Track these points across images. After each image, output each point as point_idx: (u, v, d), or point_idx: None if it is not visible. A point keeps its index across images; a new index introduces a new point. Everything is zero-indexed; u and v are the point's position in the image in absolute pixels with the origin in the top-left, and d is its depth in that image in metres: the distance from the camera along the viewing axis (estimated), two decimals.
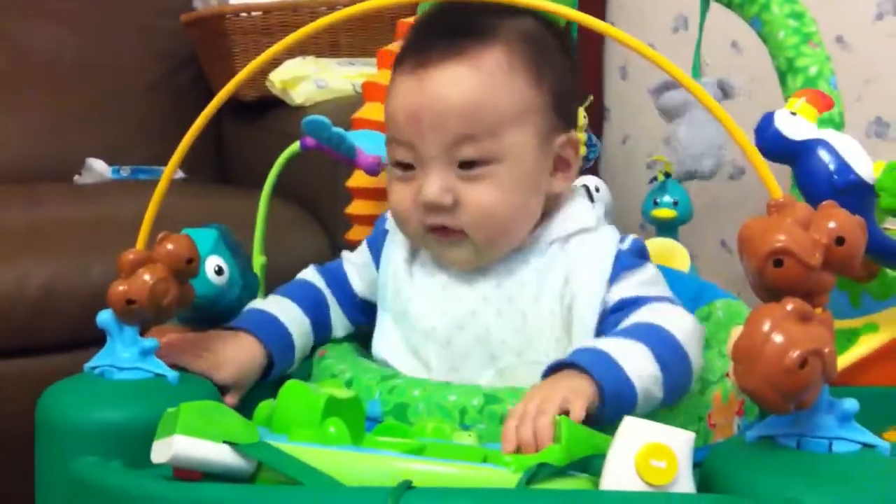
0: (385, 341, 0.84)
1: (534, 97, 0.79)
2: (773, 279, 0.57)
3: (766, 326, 0.55)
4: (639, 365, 0.69)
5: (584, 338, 0.76)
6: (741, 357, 0.56)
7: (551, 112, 0.80)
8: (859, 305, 0.86)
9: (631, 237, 0.82)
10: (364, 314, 0.91)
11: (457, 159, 0.78)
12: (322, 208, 1.47)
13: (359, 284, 0.91)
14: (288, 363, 0.85)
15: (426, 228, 0.80)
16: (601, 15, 1.85)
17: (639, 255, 0.81)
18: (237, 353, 0.80)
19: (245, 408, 0.68)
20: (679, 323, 0.74)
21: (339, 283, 0.92)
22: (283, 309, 0.86)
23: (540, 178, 0.81)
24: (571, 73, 0.84)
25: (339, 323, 0.91)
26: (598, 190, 1.28)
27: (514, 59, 0.78)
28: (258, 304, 0.87)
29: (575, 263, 0.79)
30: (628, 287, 0.78)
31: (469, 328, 0.80)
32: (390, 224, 0.89)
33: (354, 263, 0.92)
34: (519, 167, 0.79)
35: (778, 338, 0.54)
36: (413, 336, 0.82)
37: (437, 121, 0.77)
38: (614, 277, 0.78)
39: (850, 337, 0.84)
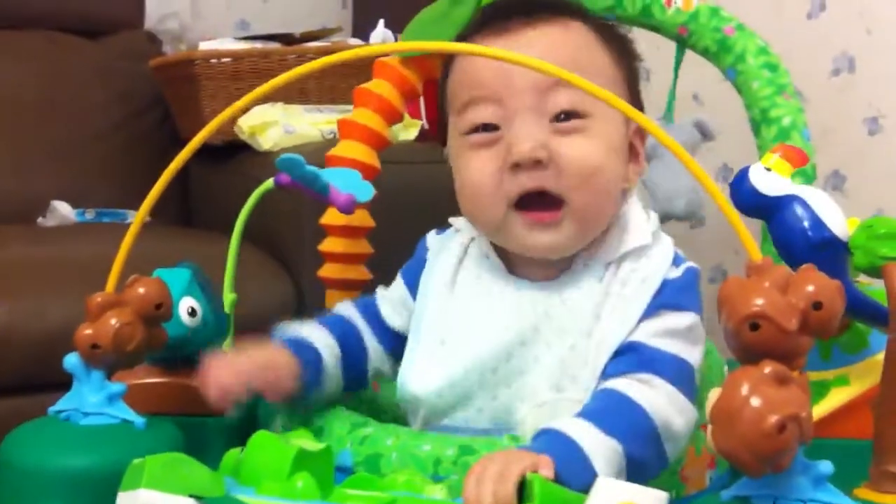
0: (417, 373, 0.79)
1: (616, 72, 0.78)
2: (750, 342, 0.57)
3: (745, 390, 0.55)
4: (606, 468, 0.64)
5: (593, 375, 0.73)
6: (719, 419, 0.56)
7: (629, 93, 0.78)
8: (829, 358, 0.86)
9: (686, 264, 0.78)
10: (401, 346, 0.84)
11: (549, 112, 0.74)
12: (285, 249, 1.45)
13: (394, 319, 0.86)
14: (316, 380, 0.80)
15: (512, 203, 0.75)
16: None
17: (686, 293, 0.76)
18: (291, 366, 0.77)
19: (212, 458, 0.67)
20: (673, 420, 0.69)
21: (373, 315, 0.87)
22: (310, 331, 0.83)
23: (626, 153, 0.78)
24: (637, 70, 0.83)
25: (375, 351, 0.86)
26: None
27: (595, 35, 0.78)
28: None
29: (622, 294, 0.75)
30: (650, 330, 0.73)
31: (517, 358, 0.76)
32: (433, 242, 0.86)
33: (389, 299, 0.87)
34: (611, 127, 0.75)
35: (756, 401, 0.54)
36: (453, 364, 0.77)
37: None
38: (649, 312, 0.74)
39: (821, 390, 0.84)
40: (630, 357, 0.72)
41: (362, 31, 1.92)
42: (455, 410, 0.77)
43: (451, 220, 0.87)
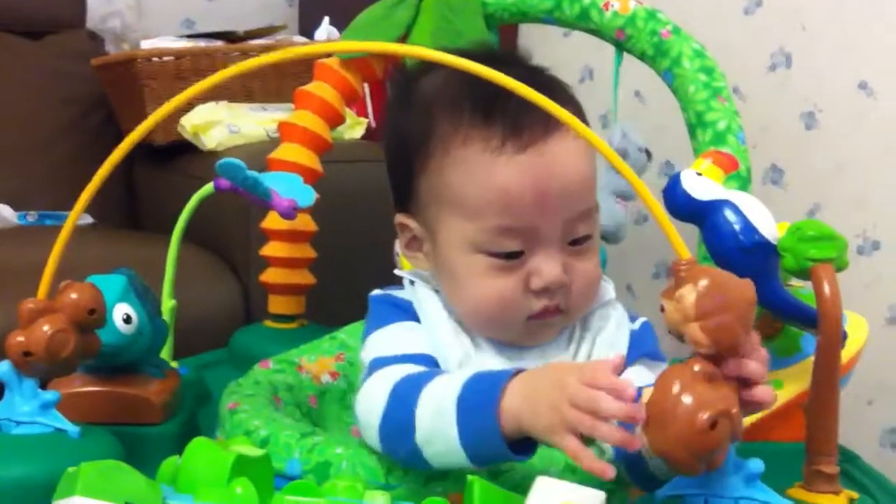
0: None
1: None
2: None
3: (676, 388, 0.56)
4: None
5: None
6: (653, 419, 0.56)
7: None
8: None
9: (641, 319, 0.82)
10: None
11: (570, 237, 0.76)
12: (233, 251, 1.44)
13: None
14: None
15: (528, 316, 0.77)
16: None
17: (656, 344, 0.79)
18: None
19: (150, 468, 0.66)
20: None
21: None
22: None
23: None
24: None
25: None
26: None
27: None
28: None
29: (597, 338, 0.79)
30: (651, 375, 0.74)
31: None
32: (416, 295, 0.81)
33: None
34: (597, 237, 0.80)
35: (688, 399, 0.55)
36: None
37: (565, 197, 0.74)
38: (637, 358, 0.78)
39: None
40: None
41: (308, 28, 1.91)
42: None
43: (400, 272, 0.85)
